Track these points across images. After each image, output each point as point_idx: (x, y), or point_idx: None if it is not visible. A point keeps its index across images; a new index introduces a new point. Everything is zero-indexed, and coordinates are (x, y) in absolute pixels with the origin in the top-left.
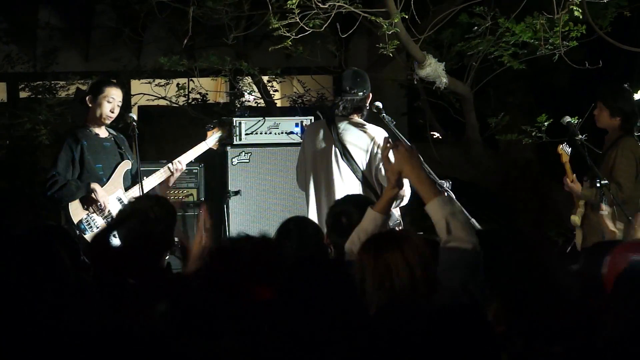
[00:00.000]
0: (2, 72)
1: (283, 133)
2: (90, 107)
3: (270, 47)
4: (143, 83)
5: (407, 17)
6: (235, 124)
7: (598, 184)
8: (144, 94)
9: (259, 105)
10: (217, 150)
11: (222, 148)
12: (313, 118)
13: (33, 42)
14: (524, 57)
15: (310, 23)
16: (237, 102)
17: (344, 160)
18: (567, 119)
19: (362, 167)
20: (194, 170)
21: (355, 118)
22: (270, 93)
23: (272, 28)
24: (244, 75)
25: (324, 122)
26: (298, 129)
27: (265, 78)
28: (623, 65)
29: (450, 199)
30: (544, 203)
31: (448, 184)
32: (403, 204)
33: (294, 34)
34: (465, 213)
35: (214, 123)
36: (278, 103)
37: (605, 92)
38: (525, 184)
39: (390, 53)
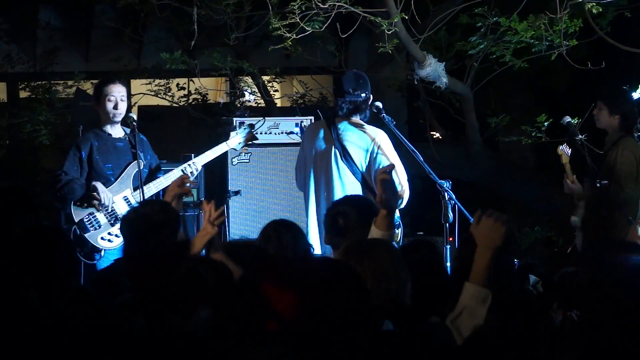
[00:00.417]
0: (2, 72)
1: (283, 133)
2: (98, 110)
3: (270, 47)
4: (143, 84)
5: (407, 17)
6: (235, 124)
7: (598, 184)
8: (144, 94)
9: (259, 105)
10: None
11: (243, 150)
12: (313, 118)
13: (33, 42)
14: (525, 56)
15: (310, 25)
16: (237, 102)
17: (344, 161)
18: (567, 119)
19: (361, 168)
20: None
21: (356, 119)
22: (270, 93)
23: (272, 28)
24: (245, 75)
25: (324, 122)
26: (298, 129)
27: (266, 78)
28: (623, 66)
29: (486, 299)
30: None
31: (448, 184)
32: (402, 206)
33: (295, 35)
34: (482, 319)
35: (240, 124)
36: (278, 103)
37: (605, 91)
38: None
39: (390, 50)
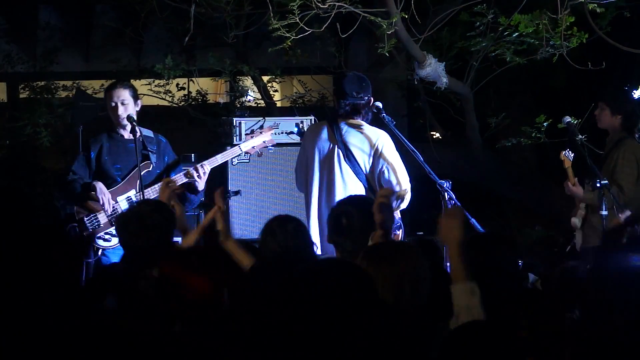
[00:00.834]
0: (2, 72)
1: (283, 133)
2: (107, 113)
3: (270, 48)
4: (143, 84)
5: (407, 17)
6: (235, 124)
7: (598, 184)
8: (144, 95)
9: (259, 106)
10: (215, 151)
11: (259, 154)
12: (313, 118)
13: (33, 42)
14: (525, 55)
15: (310, 19)
16: (237, 102)
17: (347, 162)
18: (567, 119)
19: (364, 169)
20: None
21: (357, 120)
22: (270, 93)
23: (272, 28)
24: (245, 76)
25: (326, 123)
26: (296, 129)
27: (265, 78)
28: (623, 66)
29: (473, 290)
30: None
31: (448, 184)
32: (403, 207)
33: (294, 35)
34: (480, 310)
35: (258, 128)
36: (278, 103)
37: (606, 91)
38: None
39: (387, 53)
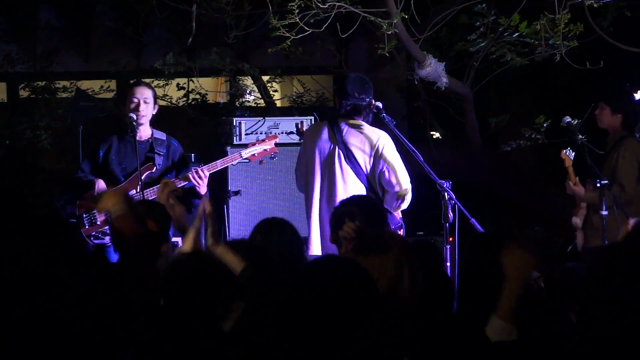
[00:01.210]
0: (2, 72)
1: (283, 133)
2: (124, 110)
3: (270, 48)
4: None
5: (407, 17)
6: (235, 124)
7: (598, 184)
8: None
9: (259, 105)
10: (216, 151)
11: (260, 162)
12: (313, 118)
13: (33, 42)
14: (526, 56)
15: (309, 19)
16: (237, 102)
17: (348, 162)
18: (567, 119)
19: (365, 169)
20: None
21: (358, 120)
22: (270, 93)
23: (271, 28)
24: (245, 76)
25: (326, 123)
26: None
27: (265, 78)
28: (623, 66)
29: (512, 334)
30: None
31: (448, 184)
32: (404, 208)
33: (294, 34)
34: None
35: (263, 137)
36: (278, 103)
37: (607, 91)
38: None
39: (387, 53)
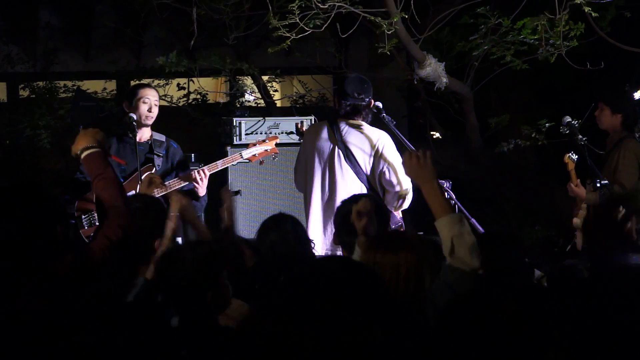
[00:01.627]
0: (2, 72)
1: (283, 133)
2: (129, 111)
3: (270, 47)
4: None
5: (407, 17)
6: (235, 124)
7: (598, 184)
8: None
9: (259, 106)
10: (216, 151)
11: (260, 162)
12: (313, 119)
13: (33, 42)
14: (526, 56)
15: (311, 23)
16: (237, 102)
17: (347, 162)
18: (567, 119)
19: (365, 169)
20: (193, 168)
21: (358, 120)
22: (270, 93)
23: (272, 28)
24: (245, 76)
25: (326, 123)
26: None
27: (265, 78)
28: (623, 66)
29: (461, 219)
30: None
31: (448, 184)
32: (405, 207)
33: (294, 34)
34: (472, 235)
35: (264, 137)
36: (278, 103)
37: (606, 92)
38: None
39: (390, 52)
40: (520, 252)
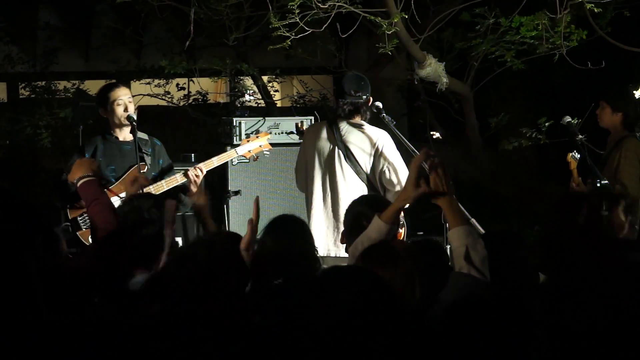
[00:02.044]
0: (2, 72)
1: (283, 133)
2: (107, 116)
3: (270, 46)
4: (142, 84)
5: (407, 17)
6: (235, 124)
7: (598, 184)
8: (144, 95)
9: (259, 106)
10: (216, 151)
11: (255, 158)
12: (313, 119)
13: (33, 42)
14: (525, 56)
15: (309, 18)
16: (237, 102)
17: (348, 162)
18: (567, 119)
19: (365, 169)
20: None
21: (357, 120)
22: (271, 93)
23: (272, 28)
24: (245, 76)
25: (326, 123)
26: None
27: (265, 78)
28: (623, 65)
29: (475, 232)
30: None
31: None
32: (405, 207)
33: (294, 34)
34: (484, 250)
35: (256, 132)
36: (278, 103)
37: (607, 90)
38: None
39: (390, 52)
40: (524, 252)
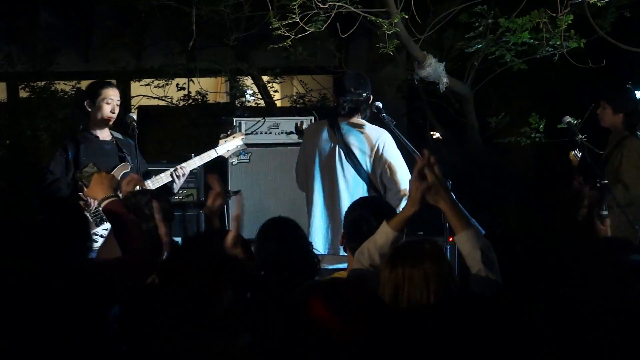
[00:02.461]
0: (2, 72)
1: (283, 133)
2: (90, 111)
3: (270, 46)
4: (142, 85)
5: (407, 17)
6: (235, 124)
7: (598, 184)
8: (144, 96)
9: (259, 106)
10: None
11: (233, 158)
12: (313, 118)
13: (33, 42)
14: (525, 56)
15: (312, 27)
16: (237, 102)
17: (348, 161)
18: (567, 119)
19: (366, 168)
20: (194, 171)
21: (357, 119)
22: (270, 93)
23: (272, 28)
24: (245, 76)
25: (326, 122)
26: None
27: (265, 78)
28: (623, 66)
29: (481, 233)
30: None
31: (448, 184)
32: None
33: (294, 34)
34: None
35: (230, 132)
36: (278, 103)
37: (609, 89)
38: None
39: (391, 52)
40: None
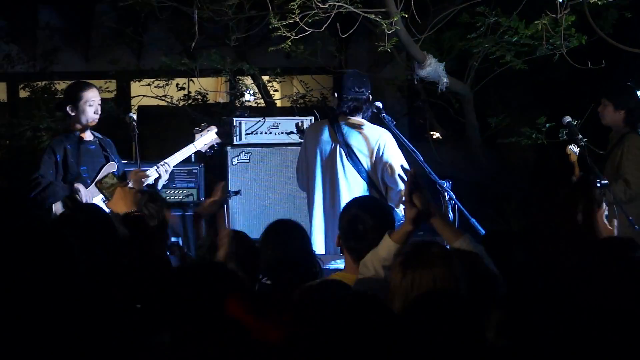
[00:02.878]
0: (2, 72)
1: (283, 133)
2: (74, 115)
3: (270, 47)
4: (142, 85)
5: (407, 16)
6: (235, 124)
7: (598, 184)
8: (144, 96)
9: (259, 105)
10: (216, 151)
11: (210, 152)
12: (313, 118)
13: (33, 42)
14: (525, 56)
15: (310, 19)
16: (237, 102)
17: (349, 161)
18: (567, 119)
19: (367, 167)
20: (194, 171)
21: (358, 118)
22: (270, 93)
23: (272, 28)
24: (245, 76)
25: (326, 122)
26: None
27: (266, 78)
28: (624, 66)
29: (473, 239)
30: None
31: (448, 184)
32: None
33: (294, 34)
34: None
35: (203, 126)
36: (278, 103)
37: (609, 87)
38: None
39: (389, 50)
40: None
